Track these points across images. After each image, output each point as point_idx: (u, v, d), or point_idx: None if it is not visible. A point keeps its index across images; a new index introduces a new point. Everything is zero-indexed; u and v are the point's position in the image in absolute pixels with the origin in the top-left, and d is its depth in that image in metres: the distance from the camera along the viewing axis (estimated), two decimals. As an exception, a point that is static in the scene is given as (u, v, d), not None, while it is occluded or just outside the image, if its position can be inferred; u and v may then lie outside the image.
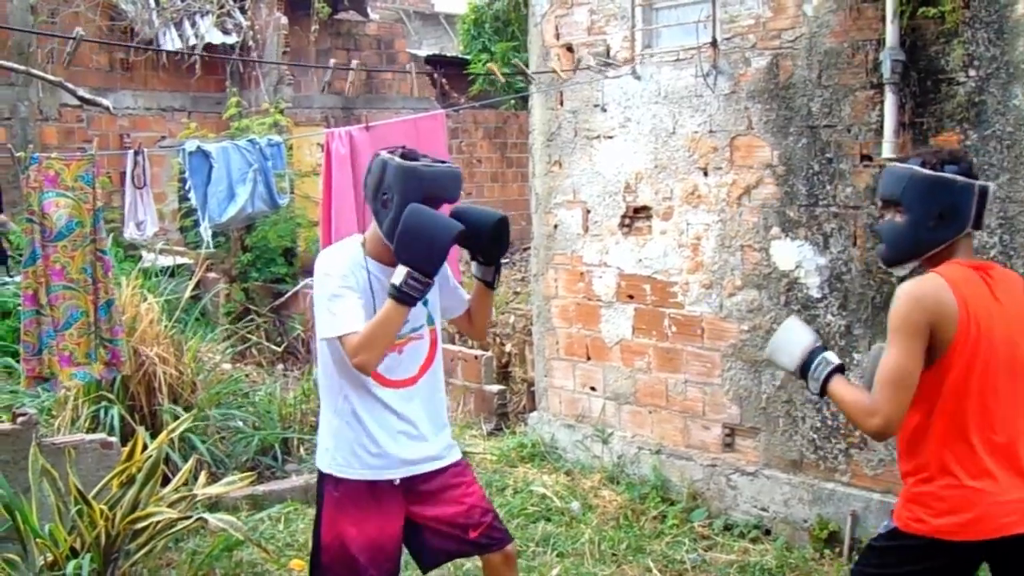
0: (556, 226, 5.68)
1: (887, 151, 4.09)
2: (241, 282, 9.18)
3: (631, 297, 5.30)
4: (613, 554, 4.50)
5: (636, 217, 5.24)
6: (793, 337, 2.65)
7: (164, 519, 3.71)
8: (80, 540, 3.59)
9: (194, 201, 4.94)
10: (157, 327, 5.38)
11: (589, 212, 5.48)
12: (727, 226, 4.81)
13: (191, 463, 4.22)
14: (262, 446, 5.68)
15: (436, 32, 16.75)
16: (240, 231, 9.08)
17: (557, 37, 5.61)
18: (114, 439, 4.43)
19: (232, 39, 10.37)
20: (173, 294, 6.11)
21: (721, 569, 4.37)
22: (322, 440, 2.94)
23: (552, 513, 4.92)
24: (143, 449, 3.87)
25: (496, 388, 6.62)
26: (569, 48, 5.54)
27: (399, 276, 2.64)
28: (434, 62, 12.95)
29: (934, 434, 2.42)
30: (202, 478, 4.23)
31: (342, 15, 12.11)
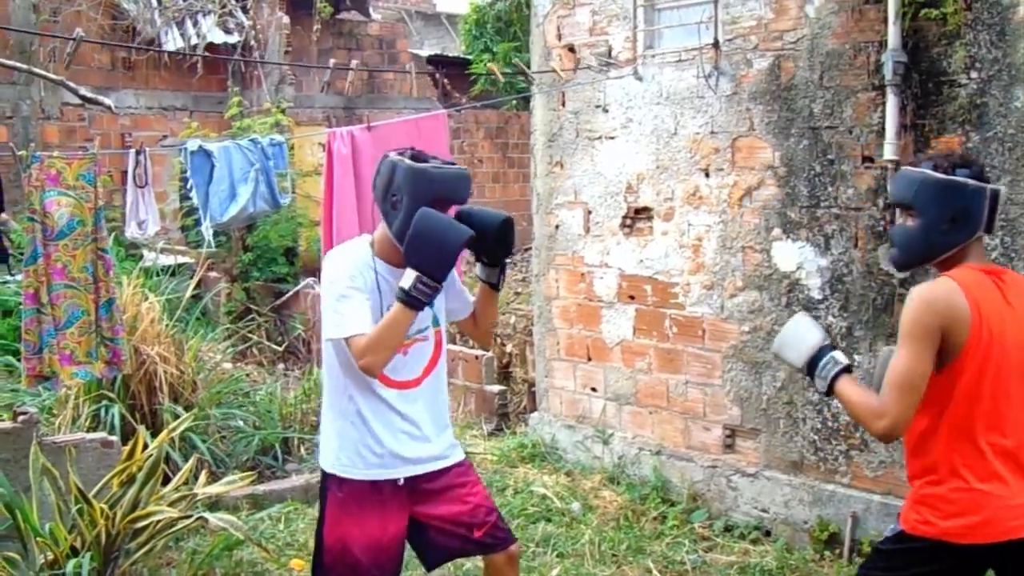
0: (557, 227, 5.68)
1: (888, 153, 4.09)
2: (242, 281, 9.18)
3: (632, 298, 5.30)
4: (613, 555, 4.50)
5: (637, 218, 5.24)
6: (802, 334, 2.64)
7: (164, 518, 3.72)
8: (80, 539, 3.60)
9: (195, 200, 4.93)
10: (158, 326, 5.39)
11: (590, 213, 5.48)
12: (728, 227, 4.81)
13: (191, 462, 4.22)
14: (262, 446, 5.68)
15: (438, 32, 16.76)
16: (241, 230, 9.08)
17: (559, 38, 5.61)
18: (115, 438, 4.44)
19: (234, 39, 10.37)
20: (174, 293, 6.12)
21: (721, 570, 4.37)
22: (325, 440, 2.93)
23: (552, 514, 4.92)
24: (144, 448, 3.87)
25: (497, 388, 6.62)
26: (571, 49, 5.54)
27: (408, 280, 2.64)
28: (436, 62, 12.95)
29: (944, 437, 2.41)
30: (202, 477, 4.24)
31: (344, 15, 12.11)
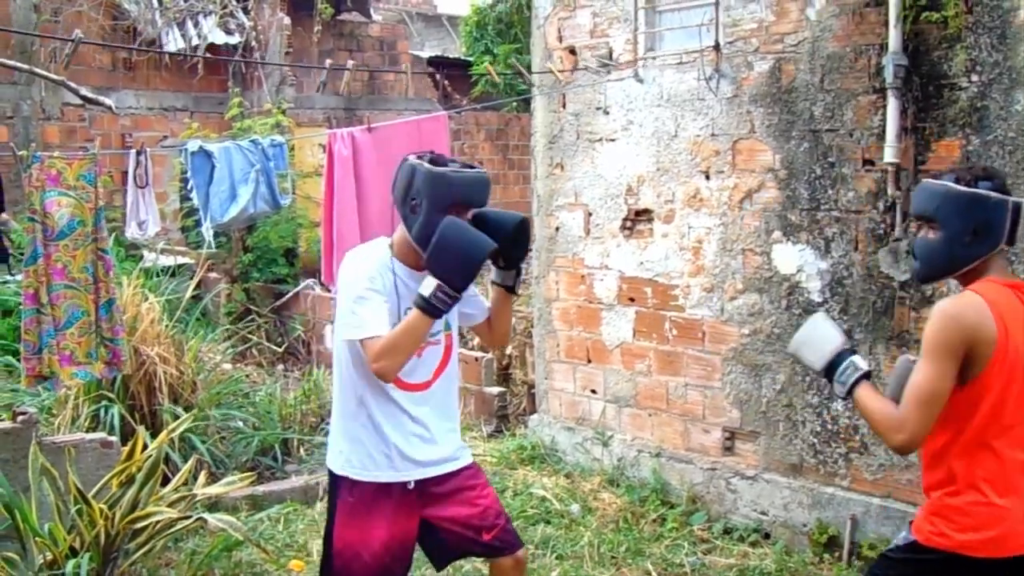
0: (558, 228, 5.68)
1: (889, 156, 4.09)
2: (242, 282, 9.17)
3: (632, 300, 5.30)
4: (612, 557, 4.50)
5: (638, 220, 5.24)
6: (822, 335, 2.61)
7: (164, 519, 3.72)
8: (79, 539, 3.60)
9: (196, 201, 4.94)
10: (158, 327, 5.39)
11: (591, 215, 5.48)
12: (728, 230, 4.81)
13: (191, 463, 4.22)
14: (262, 446, 5.68)
15: (439, 34, 16.77)
16: (241, 231, 9.08)
17: (560, 39, 5.61)
18: (114, 438, 4.44)
19: (235, 39, 10.38)
20: (174, 294, 6.12)
21: (720, 573, 4.37)
22: (335, 443, 2.91)
23: (552, 515, 4.92)
24: (143, 449, 3.87)
25: (496, 390, 6.61)
26: (572, 51, 5.54)
27: (428, 288, 2.63)
28: (437, 64, 12.95)
29: (965, 450, 2.40)
30: (202, 478, 4.24)
31: (345, 16, 12.11)
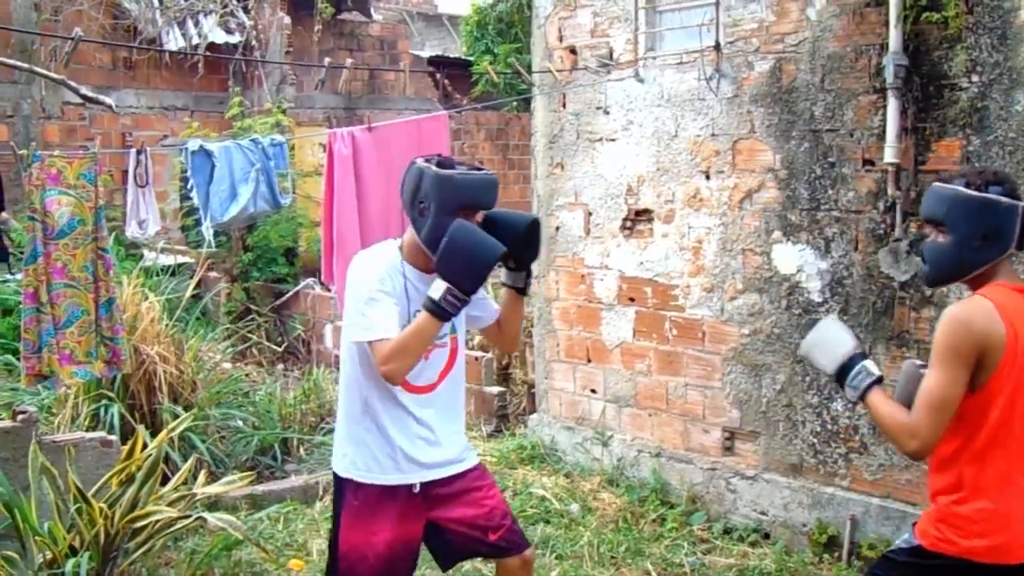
0: (558, 228, 5.68)
1: (889, 156, 4.09)
2: (242, 281, 9.17)
3: (632, 300, 5.30)
4: (612, 557, 4.50)
5: (638, 220, 5.24)
6: (834, 338, 2.61)
7: (163, 518, 3.71)
8: (79, 538, 3.60)
9: (196, 200, 4.93)
10: (158, 326, 5.39)
11: (591, 214, 5.48)
12: (729, 230, 4.81)
13: (191, 462, 4.22)
14: (262, 446, 5.68)
15: (439, 33, 16.75)
16: (242, 230, 9.08)
17: (560, 39, 5.61)
18: (114, 437, 4.44)
19: (235, 39, 10.37)
20: (174, 293, 6.12)
21: (720, 573, 4.37)
22: (339, 445, 2.90)
23: (551, 515, 4.92)
24: (143, 448, 3.87)
25: (496, 390, 6.61)
26: (572, 50, 5.54)
27: (438, 291, 2.62)
28: (437, 63, 12.94)
29: (973, 456, 2.40)
30: (201, 477, 4.24)
31: (345, 15, 12.11)
